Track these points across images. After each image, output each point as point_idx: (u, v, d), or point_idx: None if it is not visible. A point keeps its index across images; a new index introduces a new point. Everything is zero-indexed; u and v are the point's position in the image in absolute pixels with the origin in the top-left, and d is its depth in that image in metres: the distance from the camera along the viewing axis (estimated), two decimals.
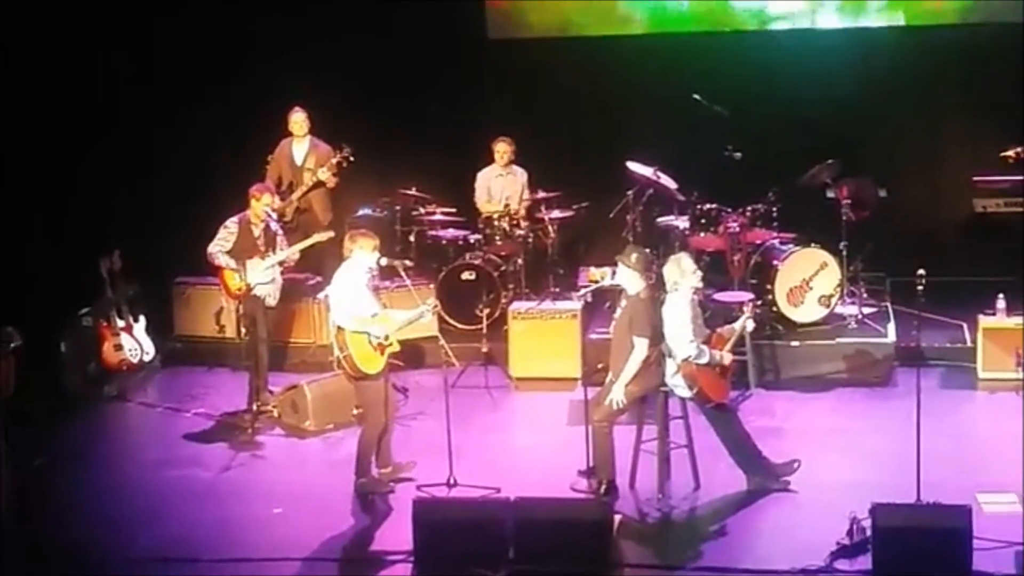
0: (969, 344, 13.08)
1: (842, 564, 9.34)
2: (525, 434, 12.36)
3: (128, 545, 10.05)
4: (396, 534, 9.95)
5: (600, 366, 11.02)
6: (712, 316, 12.12)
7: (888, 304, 13.70)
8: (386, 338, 10.65)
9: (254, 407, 12.27)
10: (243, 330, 12.39)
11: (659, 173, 13.51)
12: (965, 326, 13.31)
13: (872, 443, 11.39)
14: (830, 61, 14.71)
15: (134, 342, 13.29)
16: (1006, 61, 14.26)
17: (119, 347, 13.21)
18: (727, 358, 10.56)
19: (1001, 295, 12.74)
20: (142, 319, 13.42)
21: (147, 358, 13.41)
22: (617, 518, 9.96)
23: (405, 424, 11.87)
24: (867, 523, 9.37)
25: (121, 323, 13.26)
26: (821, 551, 9.39)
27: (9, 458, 10.59)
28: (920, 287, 10.24)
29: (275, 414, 12.30)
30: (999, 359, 12.60)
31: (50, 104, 13.78)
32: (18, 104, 13.38)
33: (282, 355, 13.52)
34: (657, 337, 10.42)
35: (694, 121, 13.93)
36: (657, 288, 10.79)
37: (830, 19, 15.25)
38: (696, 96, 13.85)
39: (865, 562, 9.29)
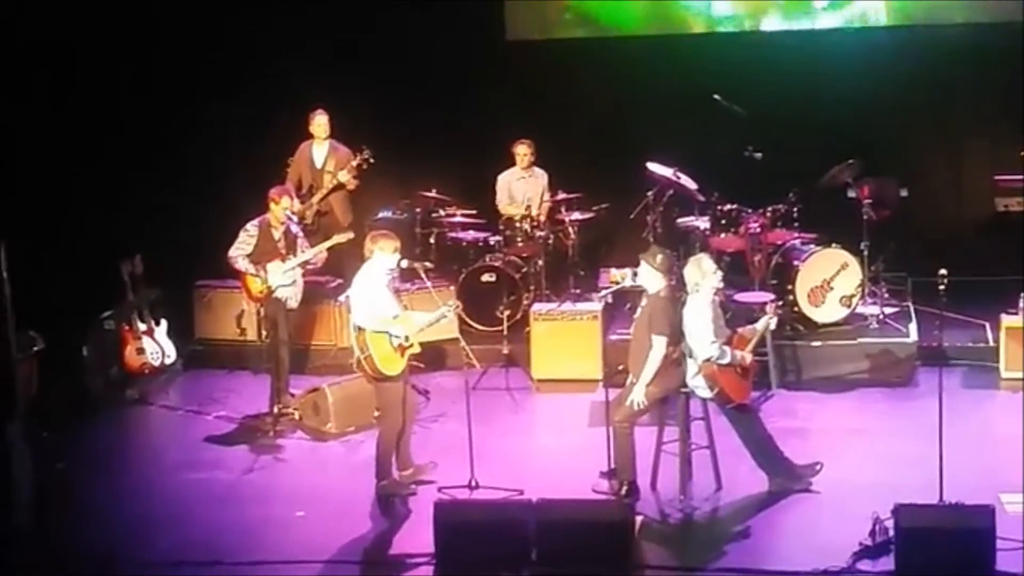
0: (991, 343, 13.03)
1: (865, 565, 9.32)
2: (546, 436, 12.33)
3: (149, 548, 10.07)
4: (417, 536, 9.95)
5: (621, 367, 11.02)
6: (733, 317, 12.12)
7: (910, 304, 13.66)
8: (406, 339, 10.65)
9: (275, 410, 12.29)
10: (264, 333, 12.44)
11: (679, 173, 13.50)
12: (987, 325, 13.26)
13: (894, 443, 11.35)
14: (849, 60, 14.68)
15: (156, 345, 13.33)
16: None
17: (141, 351, 13.24)
18: (748, 357, 10.54)
19: (1023, 294, 12.69)
20: (163, 322, 13.46)
21: (168, 361, 13.45)
22: (638, 519, 9.97)
23: (426, 426, 11.87)
24: (890, 524, 9.35)
25: (143, 327, 13.30)
26: (843, 552, 9.37)
27: (31, 460, 10.62)
28: (942, 287, 10.19)
29: (296, 417, 12.30)
30: (1021, 358, 12.54)
31: (69, 109, 13.82)
32: (35, 108, 13.42)
33: (303, 358, 13.53)
34: (676, 336, 10.41)
35: (714, 121, 13.91)
36: (678, 288, 10.77)
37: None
38: (716, 96, 13.83)
39: (888, 563, 9.27)
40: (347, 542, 10.09)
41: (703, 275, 10.47)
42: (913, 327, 13.21)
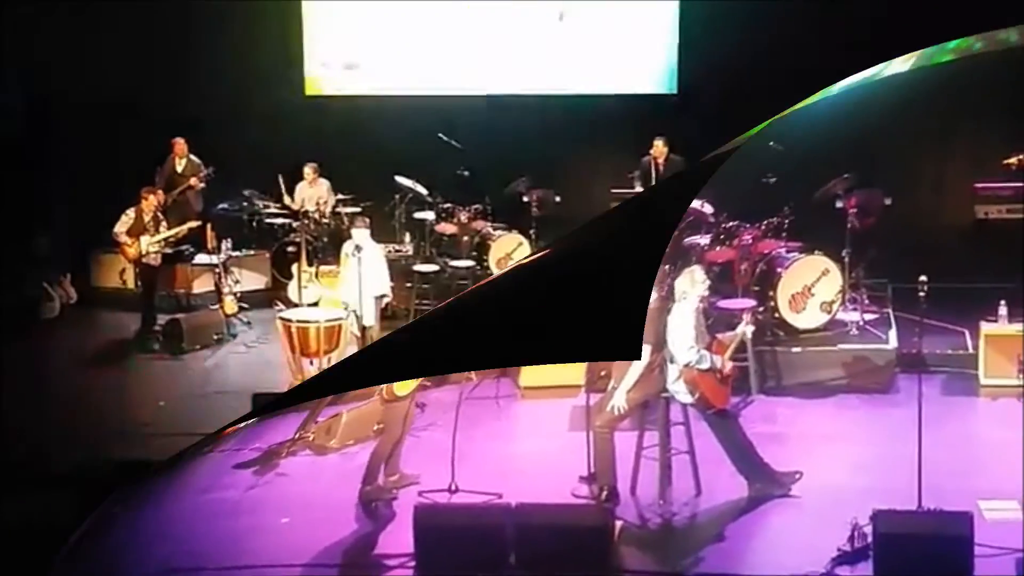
0: (971, 350, 13.09)
1: (843, 571, 9.34)
2: (527, 440, 12.33)
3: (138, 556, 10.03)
4: (398, 540, 9.96)
5: (603, 373, 11.03)
6: (714, 323, 12.13)
7: (890, 310, 13.71)
8: None
9: (296, 435, 12.09)
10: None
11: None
12: (967, 332, 13.32)
13: (873, 449, 11.39)
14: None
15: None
16: (1008, 69, 14.22)
17: None
18: (728, 364, 10.57)
19: (1003, 301, 12.74)
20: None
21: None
22: (618, 524, 9.98)
23: (414, 435, 11.81)
24: (868, 529, 9.39)
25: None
26: (822, 557, 9.40)
27: None
28: (922, 293, 10.26)
29: (310, 438, 12.13)
30: (1001, 365, 12.61)
31: None
32: None
33: None
34: (659, 343, 10.44)
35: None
36: (667, 299, 10.78)
37: None
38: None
39: (866, 568, 9.30)
40: (328, 546, 10.08)
41: (692, 284, 10.52)
42: (893, 334, 13.25)
